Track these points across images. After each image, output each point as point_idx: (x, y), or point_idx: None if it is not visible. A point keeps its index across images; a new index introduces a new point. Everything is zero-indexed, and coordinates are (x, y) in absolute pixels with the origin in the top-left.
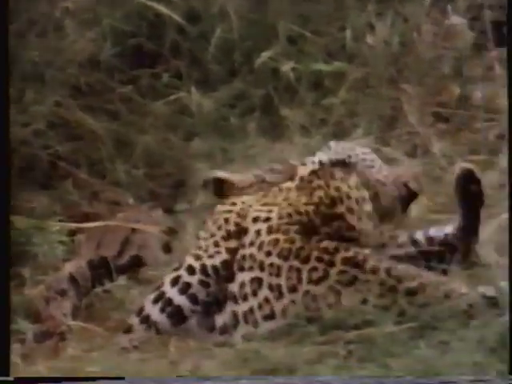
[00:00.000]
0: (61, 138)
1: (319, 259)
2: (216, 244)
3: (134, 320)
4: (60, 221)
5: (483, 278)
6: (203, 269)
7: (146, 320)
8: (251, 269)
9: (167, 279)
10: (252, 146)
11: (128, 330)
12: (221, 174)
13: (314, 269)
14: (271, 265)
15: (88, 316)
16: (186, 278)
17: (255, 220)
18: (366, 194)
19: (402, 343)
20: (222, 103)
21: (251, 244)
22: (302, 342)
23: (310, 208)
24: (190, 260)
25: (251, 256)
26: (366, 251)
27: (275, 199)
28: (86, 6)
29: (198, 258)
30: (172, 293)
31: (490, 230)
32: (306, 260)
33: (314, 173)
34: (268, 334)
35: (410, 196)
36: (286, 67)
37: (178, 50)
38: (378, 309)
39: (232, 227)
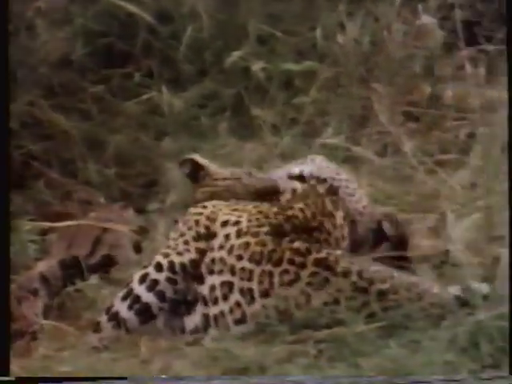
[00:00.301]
0: (33, 138)
1: (291, 261)
2: (186, 242)
3: (103, 318)
4: (32, 220)
5: (454, 277)
6: (171, 266)
7: (114, 317)
8: (221, 272)
9: (136, 276)
10: (223, 145)
11: (97, 327)
12: (199, 158)
13: (286, 271)
14: (243, 269)
15: (60, 315)
16: (153, 275)
17: (224, 224)
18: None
19: (372, 343)
20: (192, 103)
21: (220, 247)
22: (272, 341)
23: (281, 217)
24: (158, 258)
25: (221, 260)
26: (339, 252)
27: (246, 207)
28: (57, 5)
29: (166, 255)
30: (140, 290)
31: (460, 229)
32: (277, 263)
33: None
34: (239, 334)
35: (380, 236)
36: (257, 67)
37: (149, 49)
38: (348, 310)
39: (202, 229)
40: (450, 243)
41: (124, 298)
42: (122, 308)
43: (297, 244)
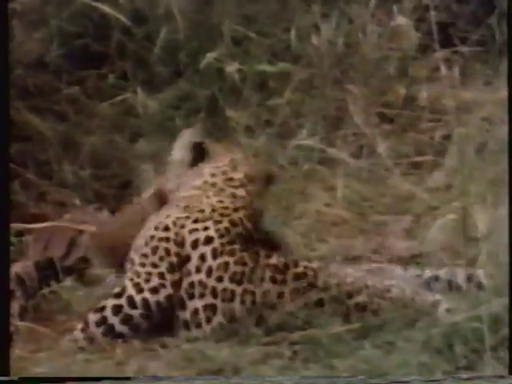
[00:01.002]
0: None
1: (273, 280)
2: (160, 276)
3: (78, 335)
4: None
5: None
6: (145, 304)
7: (90, 339)
8: (203, 296)
9: (109, 305)
10: None
11: (74, 342)
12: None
13: (268, 291)
14: (224, 290)
15: (35, 317)
16: (127, 310)
17: (195, 244)
18: None
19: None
20: (167, 104)
21: (198, 270)
22: (247, 342)
23: (241, 214)
24: (130, 290)
25: (200, 282)
26: (315, 265)
27: (204, 213)
28: (32, 6)
29: (139, 289)
30: (114, 320)
31: (435, 231)
32: (259, 282)
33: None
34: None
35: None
36: (231, 68)
37: (123, 50)
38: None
39: (174, 258)
40: (425, 245)
41: (98, 325)
42: (97, 332)
43: (274, 260)
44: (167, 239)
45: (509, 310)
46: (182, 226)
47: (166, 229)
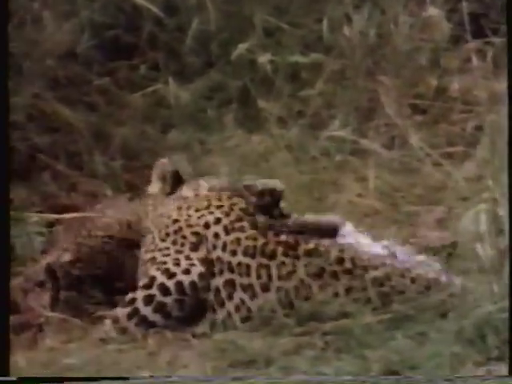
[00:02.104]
0: (39, 130)
1: (285, 254)
2: (188, 257)
3: (109, 326)
4: (38, 212)
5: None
6: (179, 287)
7: (122, 331)
8: (222, 272)
9: (139, 297)
10: (229, 137)
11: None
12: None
13: (283, 263)
14: (239, 264)
15: (66, 308)
16: (159, 297)
17: (207, 225)
18: None
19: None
20: (199, 95)
21: (214, 247)
22: (279, 333)
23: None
24: (160, 278)
25: (218, 259)
26: (326, 242)
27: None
28: None
29: (169, 275)
30: (146, 311)
31: (467, 221)
32: (272, 256)
33: None
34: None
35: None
36: (263, 59)
37: (155, 41)
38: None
39: (194, 239)
40: (457, 235)
41: (130, 317)
42: (130, 325)
43: (283, 237)
44: (180, 228)
45: (509, 310)
46: (189, 215)
47: (176, 220)
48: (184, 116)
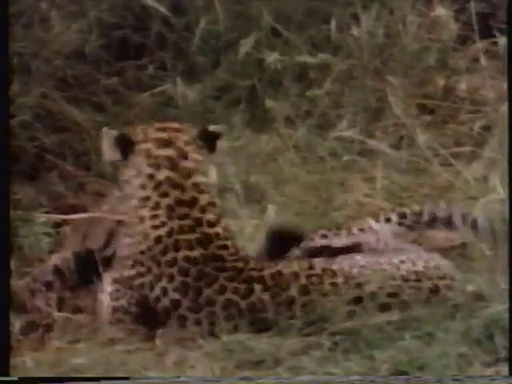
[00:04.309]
0: (47, 130)
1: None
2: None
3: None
4: (46, 212)
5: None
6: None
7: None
8: None
9: None
10: (238, 137)
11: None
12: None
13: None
14: None
15: (74, 308)
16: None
17: None
18: None
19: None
20: (206, 94)
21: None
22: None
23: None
24: None
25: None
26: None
27: None
28: None
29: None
30: None
31: (476, 222)
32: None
33: None
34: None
35: None
36: (271, 59)
37: (163, 41)
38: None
39: None
40: (466, 236)
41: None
42: None
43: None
44: None
45: (509, 310)
46: None
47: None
48: (192, 116)
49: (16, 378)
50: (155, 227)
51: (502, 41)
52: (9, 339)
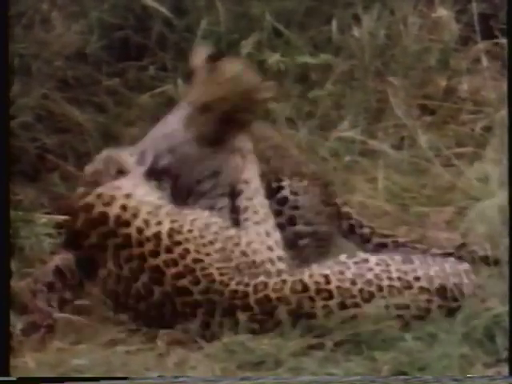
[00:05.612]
0: (48, 131)
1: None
2: None
3: None
4: (47, 213)
5: None
6: None
7: None
8: None
9: None
10: None
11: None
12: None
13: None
14: None
15: (75, 309)
16: None
17: None
18: None
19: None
20: None
21: None
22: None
23: None
24: None
25: None
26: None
27: None
28: None
29: None
30: None
31: (477, 222)
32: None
33: None
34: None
35: None
36: (272, 60)
37: (164, 42)
38: None
39: None
40: (467, 236)
41: None
42: None
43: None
44: None
45: (509, 311)
46: None
47: None
48: None
49: (15, 378)
50: None
51: (504, 42)
52: (9, 339)
